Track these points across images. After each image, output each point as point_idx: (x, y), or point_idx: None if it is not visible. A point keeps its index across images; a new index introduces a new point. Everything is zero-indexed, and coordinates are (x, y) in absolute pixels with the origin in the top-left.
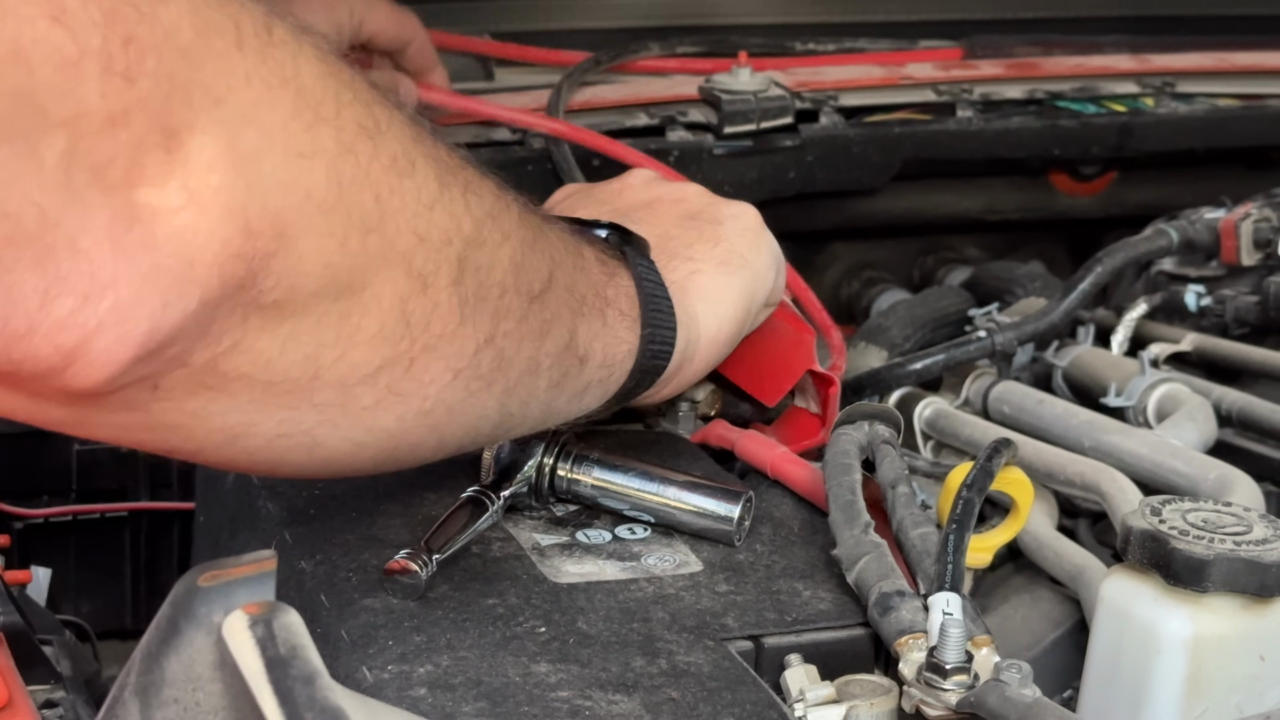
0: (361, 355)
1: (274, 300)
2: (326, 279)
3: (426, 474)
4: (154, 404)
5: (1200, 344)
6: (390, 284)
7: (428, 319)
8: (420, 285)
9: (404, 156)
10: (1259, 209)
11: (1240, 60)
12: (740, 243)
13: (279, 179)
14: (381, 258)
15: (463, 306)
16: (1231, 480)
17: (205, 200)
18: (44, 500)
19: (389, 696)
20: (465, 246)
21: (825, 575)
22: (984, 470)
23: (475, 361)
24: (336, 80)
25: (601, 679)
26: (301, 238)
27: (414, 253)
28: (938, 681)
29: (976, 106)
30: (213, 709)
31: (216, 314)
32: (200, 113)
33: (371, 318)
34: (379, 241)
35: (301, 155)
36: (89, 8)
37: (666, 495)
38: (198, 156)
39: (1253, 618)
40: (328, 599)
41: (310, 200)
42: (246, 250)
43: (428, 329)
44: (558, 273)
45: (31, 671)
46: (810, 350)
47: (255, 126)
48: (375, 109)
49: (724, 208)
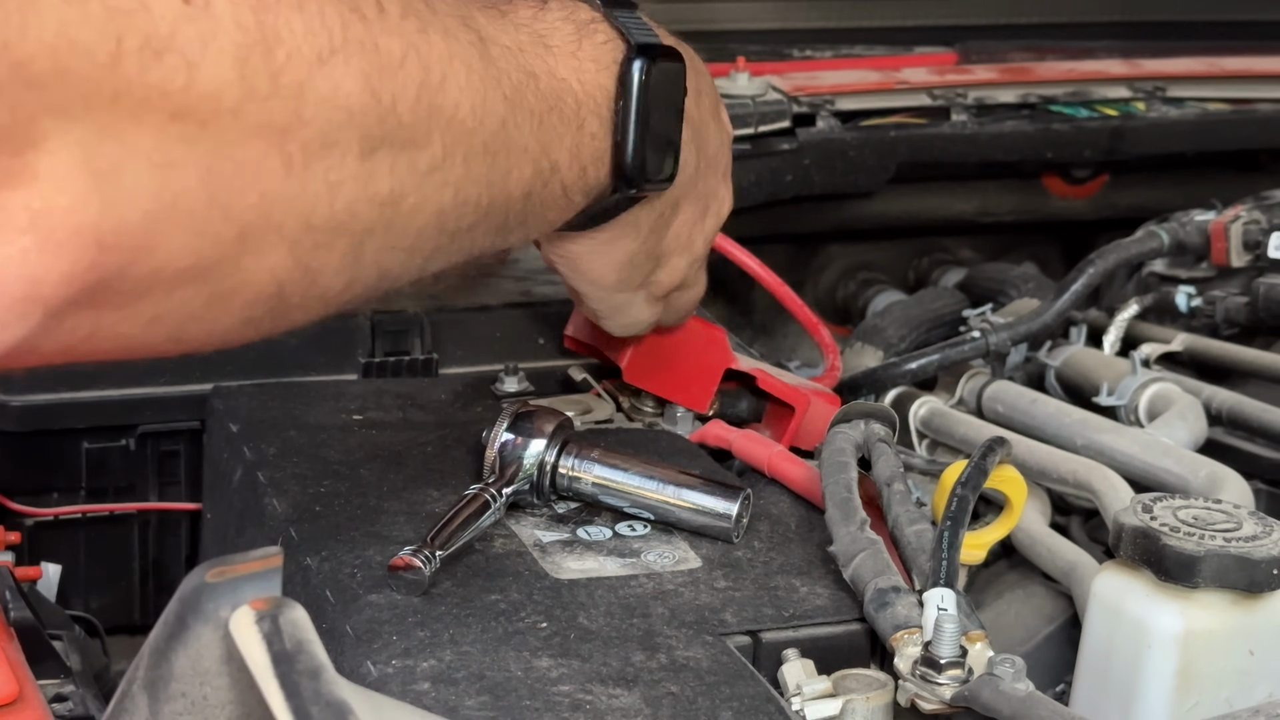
0: (230, 322)
1: (133, 293)
2: (194, 270)
3: (430, 472)
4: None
5: (1191, 344)
6: (267, 267)
7: (306, 289)
8: (302, 267)
9: (318, 140)
10: (1248, 211)
11: (1230, 65)
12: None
13: (142, 189)
14: (259, 246)
15: (355, 266)
16: (1221, 478)
17: (52, 221)
18: (54, 498)
19: (393, 690)
20: (380, 210)
21: (822, 571)
22: (978, 468)
23: (356, 298)
24: (247, 82)
25: (602, 673)
26: (166, 241)
27: (301, 238)
28: (933, 676)
29: (971, 110)
30: (220, 703)
31: (65, 319)
32: (51, 137)
33: (244, 295)
34: (260, 232)
35: (170, 165)
36: None
37: (666, 493)
38: (46, 178)
39: (1242, 613)
40: (333, 595)
41: (178, 206)
42: (100, 262)
43: (308, 294)
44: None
45: (42, 666)
46: (725, 347)
47: (117, 141)
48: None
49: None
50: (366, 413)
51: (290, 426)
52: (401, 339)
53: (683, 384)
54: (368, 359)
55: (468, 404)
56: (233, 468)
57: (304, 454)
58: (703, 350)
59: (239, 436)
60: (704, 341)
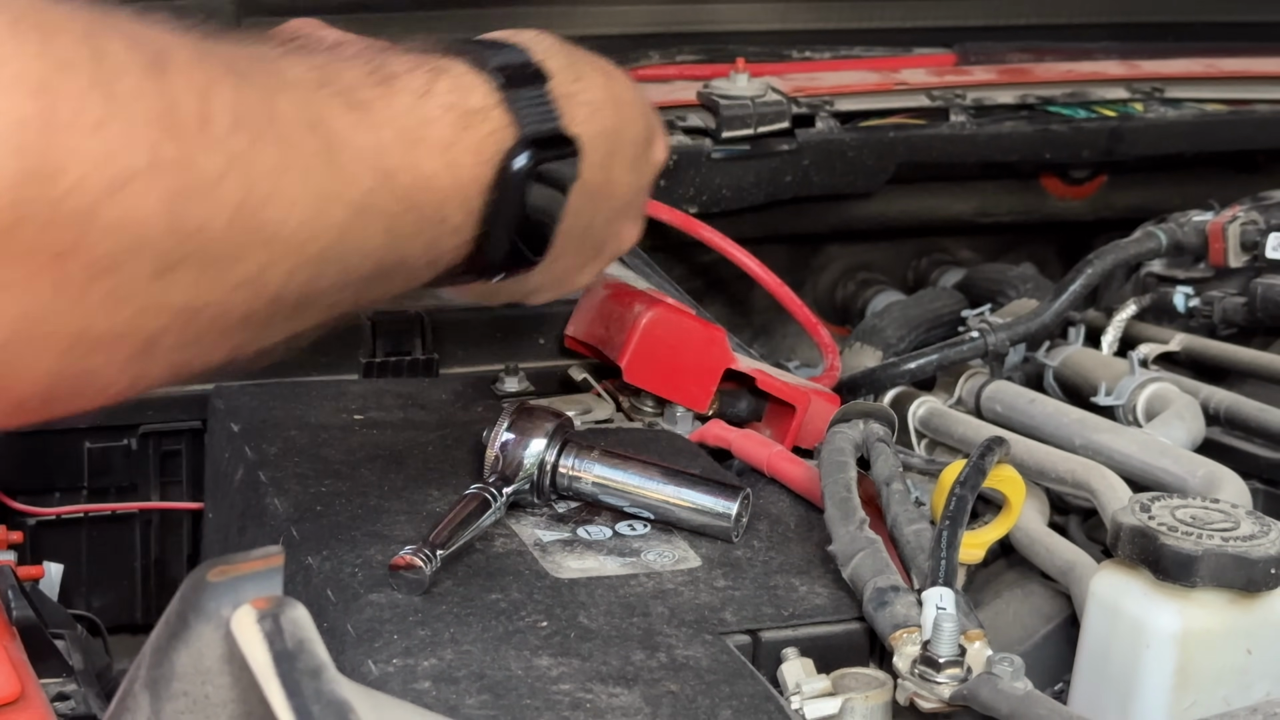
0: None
1: None
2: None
3: (431, 472)
4: None
5: (1188, 344)
6: (31, 373)
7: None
8: (77, 368)
9: (103, 262)
10: (1246, 212)
11: (1227, 66)
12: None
13: None
14: (20, 356)
15: (143, 365)
16: (1219, 477)
17: None
18: (56, 498)
19: (394, 689)
20: (173, 319)
21: (821, 571)
22: (977, 468)
23: (147, 387)
24: (19, 208)
25: (602, 672)
26: None
27: (74, 346)
28: (931, 675)
29: (969, 111)
30: (221, 701)
31: None
32: None
33: (9, 395)
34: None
35: None
36: None
37: (666, 492)
38: None
39: (1240, 612)
40: (334, 594)
41: None
42: None
43: (83, 391)
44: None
45: (44, 665)
46: (725, 347)
47: None
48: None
49: None
50: (367, 412)
51: (291, 426)
52: (402, 339)
53: (683, 384)
54: (369, 359)
55: (468, 404)
56: (234, 467)
57: (305, 453)
58: (702, 350)
59: (240, 436)
60: (704, 342)
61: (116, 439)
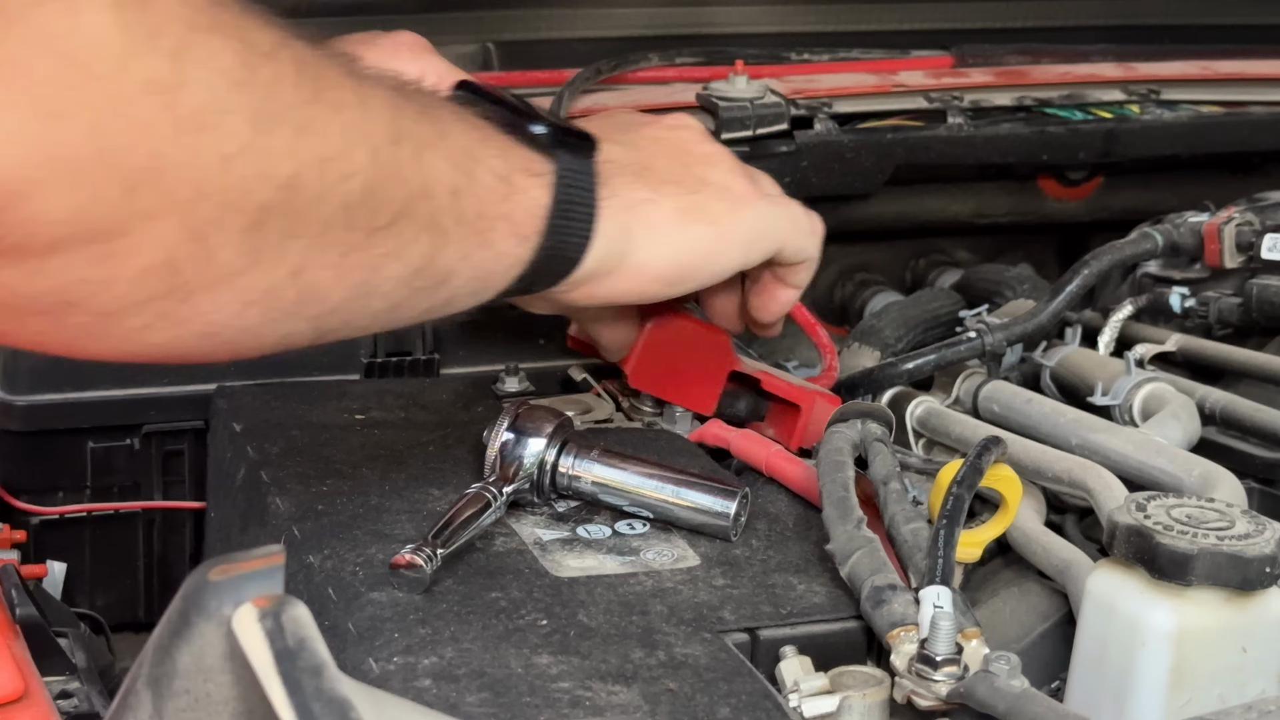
0: (123, 290)
1: (11, 243)
2: (73, 229)
3: (432, 471)
4: None
5: (1184, 344)
6: (157, 235)
7: (203, 265)
8: (196, 237)
9: (209, 108)
10: (1241, 213)
11: (1223, 68)
12: (716, 204)
13: (25, 135)
14: (148, 211)
15: (257, 250)
16: (1215, 477)
17: None
18: (59, 497)
19: (395, 687)
20: (276, 193)
21: (819, 569)
22: (974, 467)
23: (273, 295)
24: (127, 35)
25: (601, 670)
26: (42, 193)
27: (194, 205)
28: (929, 673)
29: (967, 113)
30: (223, 699)
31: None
32: None
33: (133, 262)
34: (149, 196)
35: (54, 115)
36: None
37: (665, 492)
38: None
39: (1235, 611)
40: (335, 593)
41: (58, 158)
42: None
43: (204, 272)
44: (425, 199)
45: (47, 663)
46: (728, 350)
47: (4, 85)
48: (185, 56)
49: (719, 170)
50: (369, 412)
51: (293, 426)
52: (403, 339)
53: (688, 387)
54: (370, 359)
55: (469, 404)
56: (236, 467)
57: (307, 453)
58: (707, 353)
59: (242, 436)
60: (708, 345)
61: (119, 439)
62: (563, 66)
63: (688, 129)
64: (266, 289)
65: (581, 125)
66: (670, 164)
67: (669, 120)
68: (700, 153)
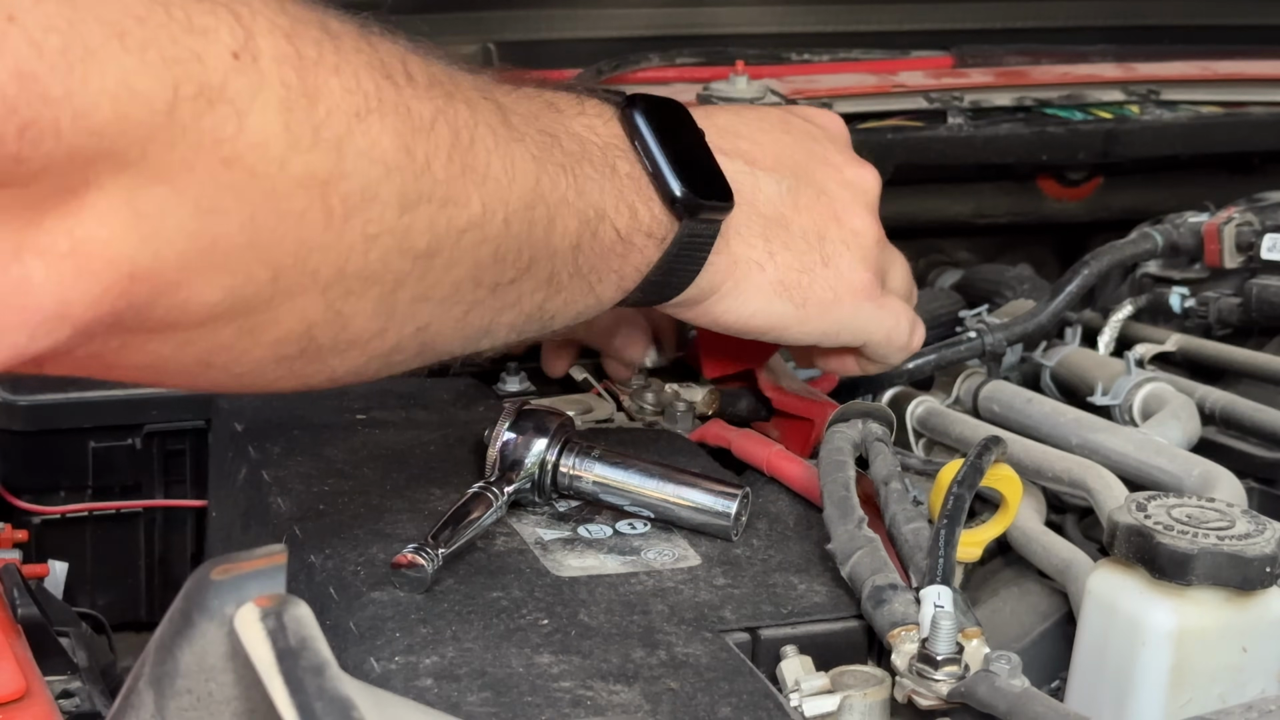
0: (260, 354)
1: (163, 321)
2: (225, 306)
3: (433, 471)
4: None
5: (1184, 344)
6: (297, 309)
7: (337, 332)
8: (333, 309)
9: (361, 194)
10: (1241, 213)
11: (1223, 69)
12: (820, 290)
13: (183, 231)
14: (291, 289)
15: (389, 315)
16: (1215, 476)
17: (90, 250)
18: (61, 497)
19: (396, 687)
20: (413, 264)
21: (820, 569)
22: (974, 467)
23: (397, 348)
24: (291, 134)
25: (602, 670)
26: (198, 278)
27: (334, 284)
28: (929, 672)
29: (967, 114)
30: (225, 699)
31: (95, 335)
32: (104, 176)
33: (273, 332)
34: (294, 276)
35: (214, 211)
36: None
37: (666, 491)
38: (91, 210)
39: (1235, 610)
40: (337, 592)
41: (216, 248)
42: (131, 291)
43: (337, 338)
44: (549, 258)
45: (49, 662)
46: (766, 358)
47: (167, 185)
48: (347, 147)
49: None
50: (370, 412)
51: (294, 426)
52: None
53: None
54: None
55: (470, 404)
56: (237, 466)
57: (308, 453)
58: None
59: (244, 435)
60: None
61: (121, 438)
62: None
63: (861, 191)
64: (392, 348)
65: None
66: (809, 228)
67: (850, 173)
68: (849, 228)
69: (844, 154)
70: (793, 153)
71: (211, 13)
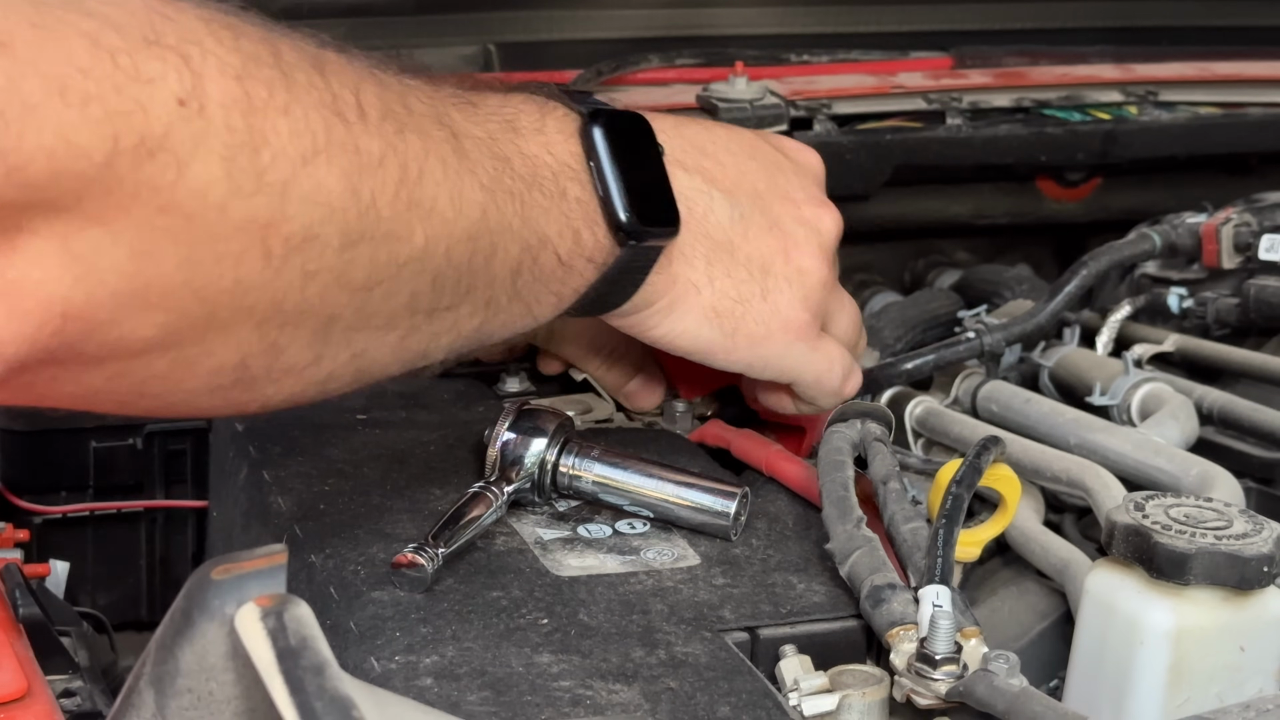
0: (194, 385)
1: (97, 356)
2: (159, 341)
3: (433, 471)
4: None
5: (1182, 344)
6: (232, 342)
7: (271, 362)
8: (268, 343)
9: (302, 235)
10: (1239, 214)
11: (1221, 70)
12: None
13: (117, 272)
14: (226, 325)
15: (323, 345)
16: (1212, 476)
17: (23, 290)
18: (62, 496)
19: (396, 686)
20: (350, 298)
21: (819, 569)
22: (973, 467)
23: (332, 375)
24: (234, 181)
25: (602, 669)
26: (134, 316)
27: (270, 318)
28: (928, 671)
29: (965, 114)
30: (225, 698)
31: (27, 368)
32: (38, 222)
33: (207, 364)
34: (228, 313)
35: (149, 253)
36: None
37: (665, 491)
38: (24, 253)
39: (1233, 610)
40: (337, 592)
41: (151, 288)
42: (64, 329)
43: (271, 368)
44: (488, 285)
45: (50, 661)
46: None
47: (102, 228)
48: (291, 192)
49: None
50: (370, 412)
51: (294, 426)
52: None
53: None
54: None
55: (470, 404)
56: (238, 466)
57: (308, 453)
58: None
59: (244, 435)
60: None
61: (122, 438)
62: (563, 67)
63: (816, 231)
64: (327, 375)
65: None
66: (754, 258)
67: (809, 211)
68: (795, 265)
69: (808, 191)
70: (754, 180)
71: (160, 58)
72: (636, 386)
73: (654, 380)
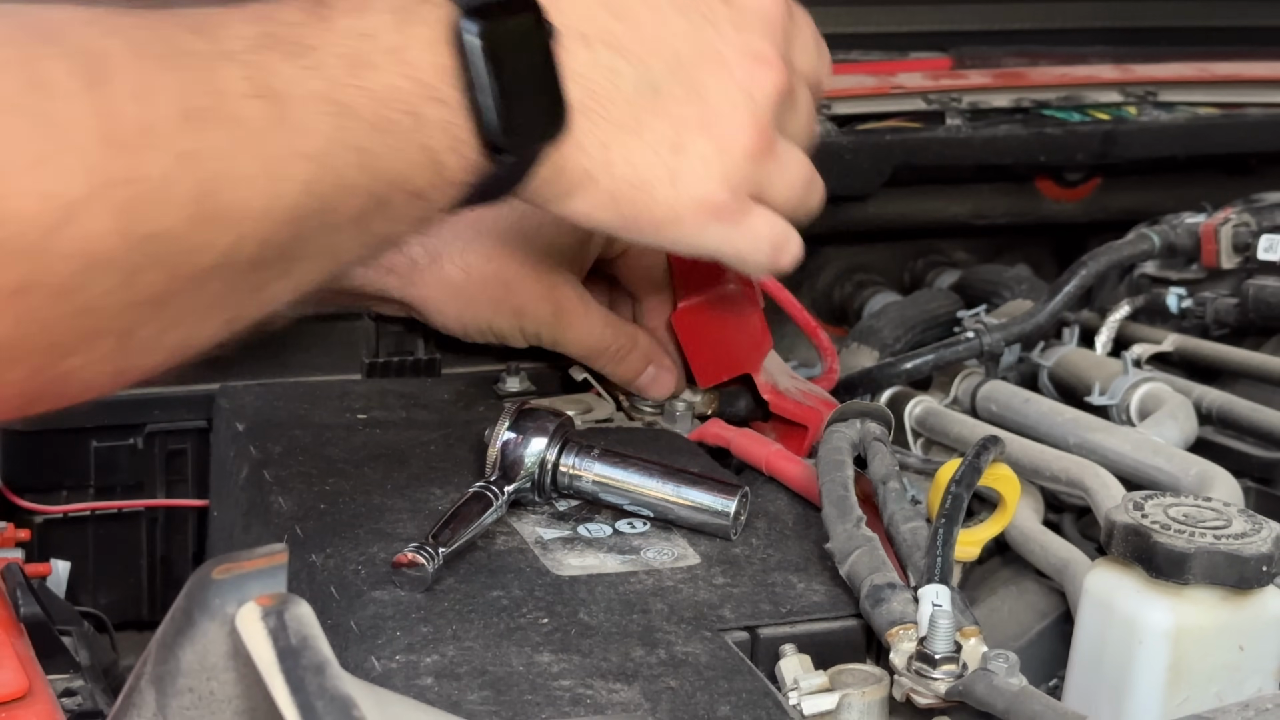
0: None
1: None
2: None
3: (433, 470)
4: None
5: (1181, 344)
6: (17, 380)
7: (63, 390)
8: (57, 374)
9: (67, 283)
10: (1238, 214)
11: (1220, 70)
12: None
13: None
14: (11, 362)
15: (124, 358)
16: (1211, 476)
17: None
18: (63, 496)
19: (397, 685)
20: (151, 312)
21: (819, 568)
22: (972, 467)
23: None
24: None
25: (602, 668)
26: None
27: (46, 362)
28: (927, 671)
29: (965, 115)
30: (226, 698)
31: None
32: None
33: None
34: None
35: None
36: None
37: (665, 491)
38: None
39: (1232, 609)
40: (338, 591)
41: None
42: None
43: (64, 394)
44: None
45: (51, 661)
46: (759, 360)
47: None
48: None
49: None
50: (370, 412)
51: (295, 426)
52: (405, 339)
53: (708, 355)
54: (371, 359)
55: (470, 403)
56: (239, 466)
57: (309, 453)
58: (747, 349)
59: (245, 435)
60: (752, 344)
61: (123, 438)
62: None
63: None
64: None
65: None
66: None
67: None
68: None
69: (747, 46)
70: (676, 42)
71: None
72: (650, 378)
73: (668, 370)
